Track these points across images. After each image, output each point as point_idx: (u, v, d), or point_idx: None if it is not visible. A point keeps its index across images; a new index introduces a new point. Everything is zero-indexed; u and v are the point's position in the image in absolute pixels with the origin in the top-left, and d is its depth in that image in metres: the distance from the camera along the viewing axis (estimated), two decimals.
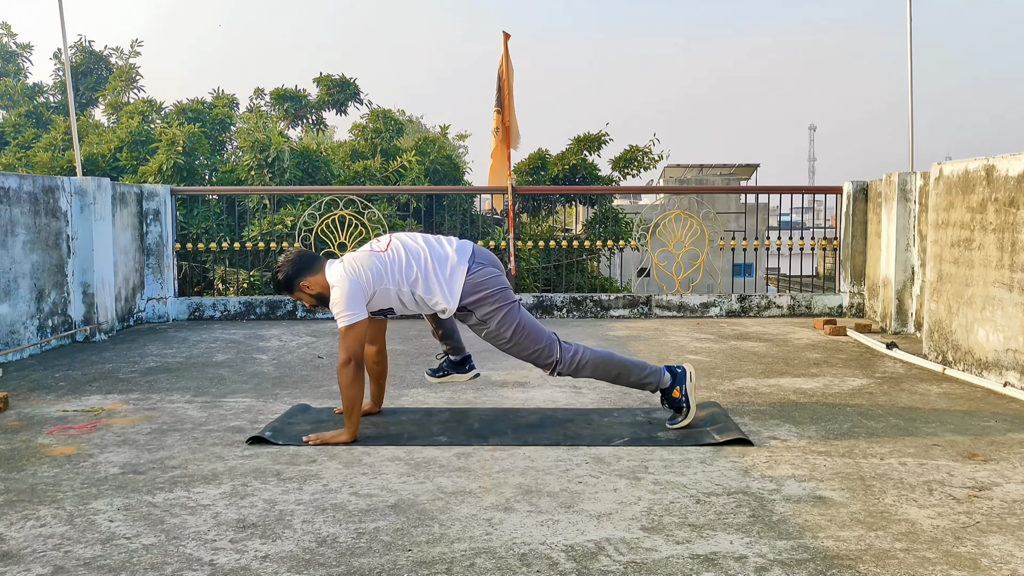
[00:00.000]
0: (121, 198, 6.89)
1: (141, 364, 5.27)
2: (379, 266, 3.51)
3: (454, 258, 3.53)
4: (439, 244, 3.60)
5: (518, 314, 3.55)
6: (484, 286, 3.51)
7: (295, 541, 2.44)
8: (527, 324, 3.55)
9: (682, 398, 3.61)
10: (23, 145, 11.48)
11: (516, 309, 3.55)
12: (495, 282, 3.53)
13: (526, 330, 3.54)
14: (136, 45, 13.39)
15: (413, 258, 3.52)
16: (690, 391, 3.61)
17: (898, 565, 2.26)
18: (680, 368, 3.66)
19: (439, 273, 3.50)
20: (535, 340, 3.55)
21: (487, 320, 3.52)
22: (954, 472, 3.05)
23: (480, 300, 3.50)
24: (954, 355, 4.90)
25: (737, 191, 18.30)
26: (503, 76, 7.88)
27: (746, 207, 10.86)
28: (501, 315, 3.51)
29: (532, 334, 3.55)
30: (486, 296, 3.50)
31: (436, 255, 3.54)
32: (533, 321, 3.60)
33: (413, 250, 3.55)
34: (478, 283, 3.50)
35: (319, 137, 12.52)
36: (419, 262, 3.52)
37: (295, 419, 3.81)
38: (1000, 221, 4.48)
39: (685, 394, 3.61)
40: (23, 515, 2.66)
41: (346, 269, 3.49)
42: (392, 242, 3.61)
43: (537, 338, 3.56)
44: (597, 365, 3.61)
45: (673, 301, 7.55)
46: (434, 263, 3.52)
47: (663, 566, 2.26)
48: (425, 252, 3.54)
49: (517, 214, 8.73)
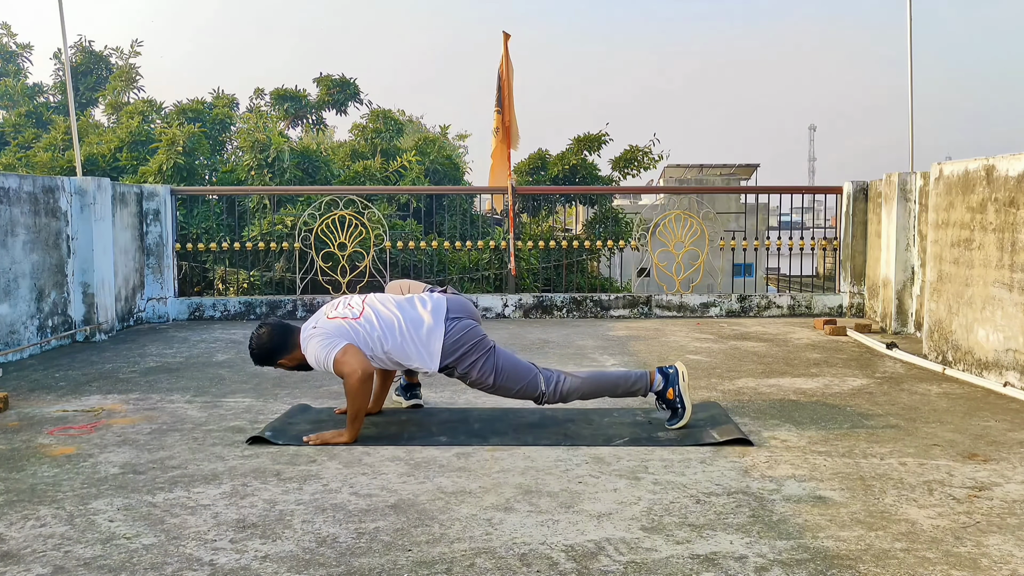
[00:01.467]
0: (121, 198, 6.89)
1: (141, 364, 5.27)
2: (352, 335, 3.50)
3: (429, 320, 3.55)
4: (412, 307, 3.60)
5: (495, 359, 3.60)
6: (462, 342, 3.56)
7: (295, 541, 2.44)
8: (506, 366, 3.61)
9: (676, 399, 3.62)
10: (23, 145, 11.48)
11: (493, 355, 3.61)
12: (471, 335, 3.59)
13: (506, 373, 3.60)
14: (136, 45, 13.41)
15: (386, 328, 3.52)
16: (684, 391, 3.62)
17: (898, 565, 2.26)
18: (672, 368, 3.67)
19: (415, 338, 3.53)
20: (517, 380, 3.62)
21: (468, 372, 3.60)
22: (954, 472, 3.05)
23: (459, 358, 3.57)
24: (954, 355, 4.90)
25: (737, 191, 18.30)
26: (503, 76, 7.88)
27: (746, 207, 10.87)
28: (480, 365, 3.58)
29: (513, 375, 3.61)
30: (465, 353, 3.57)
31: (411, 319, 3.55)
32: (512, 361, 3.65)
33: (386, 319, 3.54)
34: (456, 341, 3.55)
35: (319, 137, 12.53)
36: (393, 331, 3.52)
37: (295, 419, 3.81)
38: (1000, 221, 4.48)
39: (679, 394, 3.62)
40: (23, 515, 2.66)
41: (315, 332, 3.51)
42: (365, 310, 3.58)
43: (519, 377, 3.62)
44: (581, 388, 3.67)
45: (673, 301, 7.55)
46: (409, 328, 3.53)
47: (663, 566, 2.26)
48: (399, 318, 3.54)
49: (517, 214, 8.74)
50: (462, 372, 3.59)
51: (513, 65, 7.96)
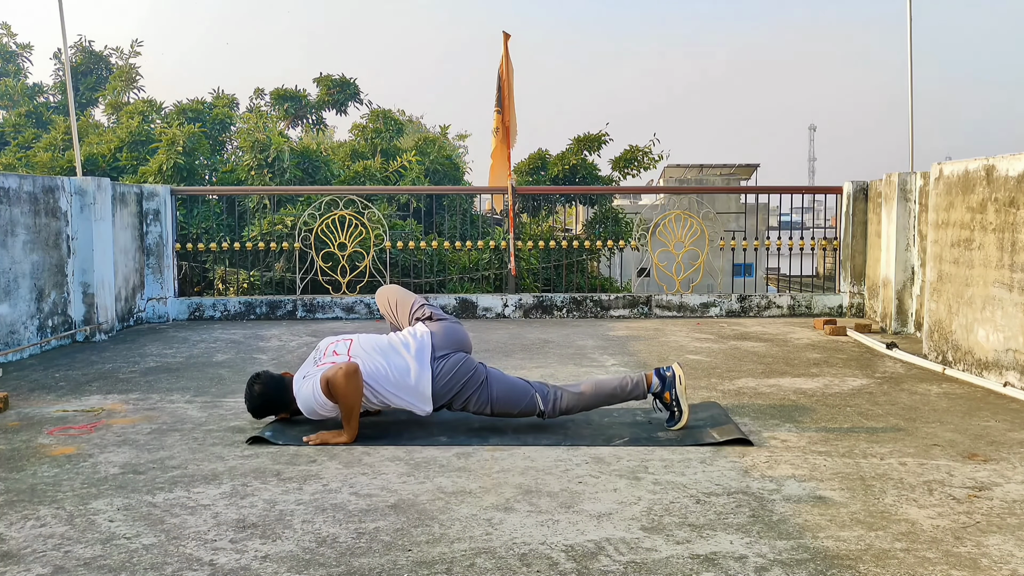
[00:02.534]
0: (121, 198, 6.89)
1: (141, 364, 5.27)
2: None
3: (415, 367, 3.56)
4: (396, 354, 3.59)
5: (489, 390, 3.63)
6: (452, 382, 3.59)
7: (295, 541, 2.44)
8: (501, 394, 3.64)
9: (673, 402, 3.63)
10: (23, 145, 11.48)
11: (487, 386, 3.63)
12: (462, 372, 3.60)
13: (501, 400, 3.64)
14: (136, 45, 13.41)
15: (376, 378, 3.53)
16: (680, 394, 3.62)
17: (898, 565, 2.27)
18: (668, 370, 3.68)
19: (405, 386, 3.56)
20: (514, 404, 3.65)
21: (465, 406, 3.65)
22: (954, 472, 3.05)
23: (453, 397, 3.62)
24: (954, 355, 4.90)
25: (737, 191, 18.30)
26: (503, 76, 7.88)
27: (746, 207, 10.87)
28: (476, 399, 3.63)
29: (509, 400, 3.64)
30: (458, 392, 3.61)
31: (397, 368, 3.56)
32: (507, 386, 3.66)
33: (373, 370, 3.53)
34: (446, 383, 3.58)
35: (319, 137, 12.53)
36: (382, 382, 3.54)
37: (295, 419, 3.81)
38: (1000, 221, 4.48)
39: (675, 398, 3.62)
40: (23, 515, 2.66)
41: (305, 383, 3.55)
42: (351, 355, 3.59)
43: (516, 401, 3.65)
44: (579, 401, 3.69)
45: (673, 301, 7.55)
46: (398, 377, 3.55)
47: (663, 566, 2.26)
48: (386, 368, 3.55)
49: (517, 214, 8.74)
50: (459, 407, 3.66)
51: (513, 65, 7.96)
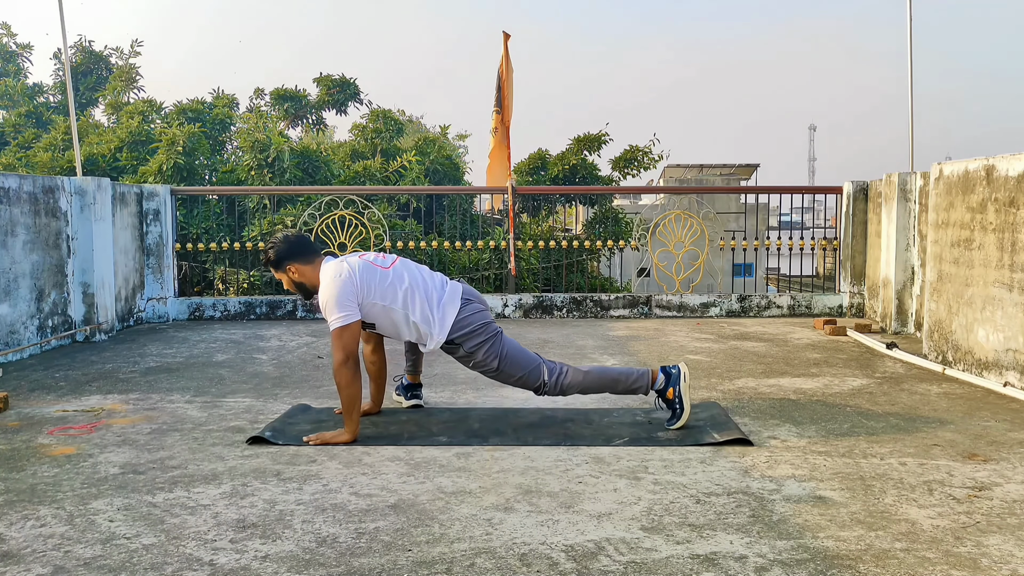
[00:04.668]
0: (121, 198, 6.89)
1: (141, 364, 5.27)
2: (377, 281, 3.54)
3: (446, 296, 3.64)
4: (433, 280, 3.69)
5: (502, 344, 3.66)
6: (471, 321, 3.62)
7: (295, 541, 2.44)
8: (511, 352, 3.66)
9: (675, 399, 3.62)
10: (23, 145, 11.48)
11: (500, 339, 3.66)
12: (481, 317, 3.66)
13: (510, 358, 3.64)
14: (136, 45, 13.40)
15: (413, 286, 3.59)
16: (684, 392, 3.62)
17: (898, 565, 2.27)
18: (674, 368, 3.67)
19: (433, 306, 3.61)
20: (520, 367, 3.65)
21: (474, 352, 3.63)
22: (954, 472, 3.05)
23: (467, 334, 3.61)
24: (954, 355, 4.90)
25: (737, 191, 18.30)
26: (503, 76, 7.89)
27: (746, 207, 10.87)
28: (487, 347, 3.63)
29: (517, 362, 3.65)
30: (473, 330, 3.61)
31: (435, 287, 3.65)
32: (517, 349, 3.69)
33: (416, 278, 3.63)
34: (466, 318, 3.62)
35: (319, 137, 12.53)
36: (419, 291, 3.59)
37: (295, 419, 3.81)
38: (1000, 221, 4.48)
39: (679, 395, 3.61)
40: (23, 515, 2.66)
41: (341, 270, 3.51)
42: (396, 264, 3.66)
43: (523, 365, 3.66)
44: (583, 381, 3.69)
45: (673, 301, 7.55)
46: (431, 295, 3.62)
47: (663, 566, 2.26)
48: (424, 283, 3.63)
49: (517, 214, 8.73)
50: (468, 350, 3.62)
51: (513, 65, 7.96)
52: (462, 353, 3.65)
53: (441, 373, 4.90)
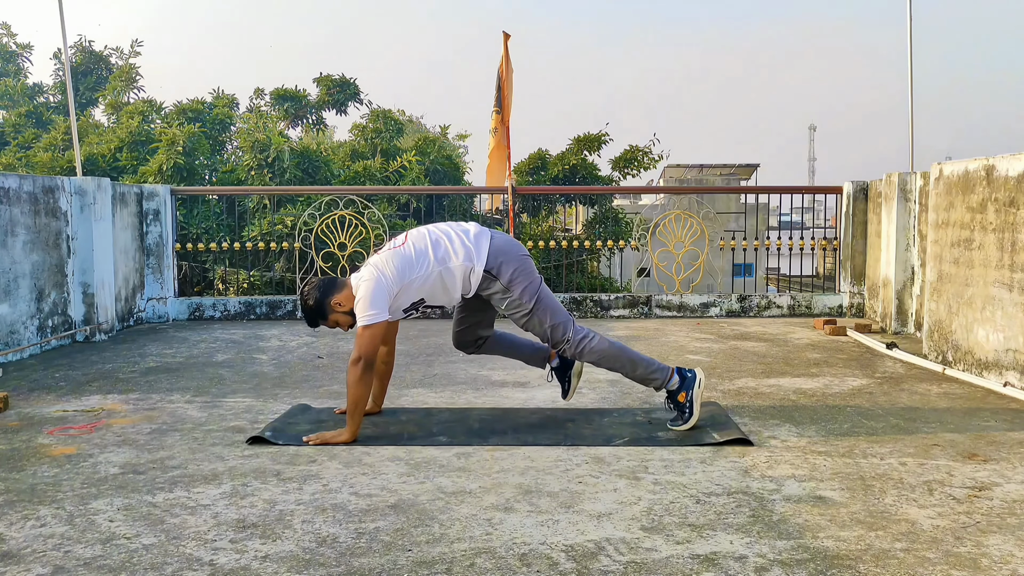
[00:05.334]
0: (121, 198, 6.89)
1: (141, 364, 5.27)
2: (403, 260, 3.54)
3: (476, 229, 3.66)
4: (457, 223, 3.73)
5: (541, 286, 3.62)
6: (505, 251, 3.59)
7: (295, 541, 2.44)
8: (547, 298, 3.61)
9: (687, 404, 3.59)
10: (23, 145, 11.48)
11: (540, 281, 3.63)
12: (518, 250, 3.64)
13: (544, 303, 3.59)
14: (136, 45, 13.41)
15: (435, 237, 3.61)
16: (696, 398, 3.58)
17: (898, 565, 2.26)
18: (691, 372, 3.64)
19: (465, 240, 3.60)
20: (553, 315, 3.60)
21: (511, 286, 3.55)
22: (954, 472, 3.05)
23: (506, 263, 3.56)
24: (954, 355, 4.90)
25: (737, 191, 18.30)
26: (503, 76, 7.88)
27: (746, 207, 10.86)
28: (526, 283, 3.57)
29: (551, 308, 3.60)
30: (507, 262, 3.57)
31: (460, 228, 3.66)
32: (553, 298, 3.65)
33: (434, 233, 3.64)
34: (500, 248, 3.60)
35: (319, 137, 12.52)
36: (444, 237, 3.61)
37: (295, 419, 3.81)
38: (1000, 221, 4.48)
39: (691, 400, 3.58)
40: (23, 515, 2.66)
41: (370, 274, 3.52)
42: (408, 235, 3.67)
43: (555, 313, 3.61)
44: (605, 352, 3.62)
45: (673, 301, 7.55)
46: (459, 234, 3.62)
47: (663, 566, 2.26)
48: (448, 229, 3.65)
49: (517, 214, 8.73)
50: (505, 284, 3.54)
51: (513, 65, 7.96)
52: (498, 288, 3.55)
53: (441, 373, 4.90)
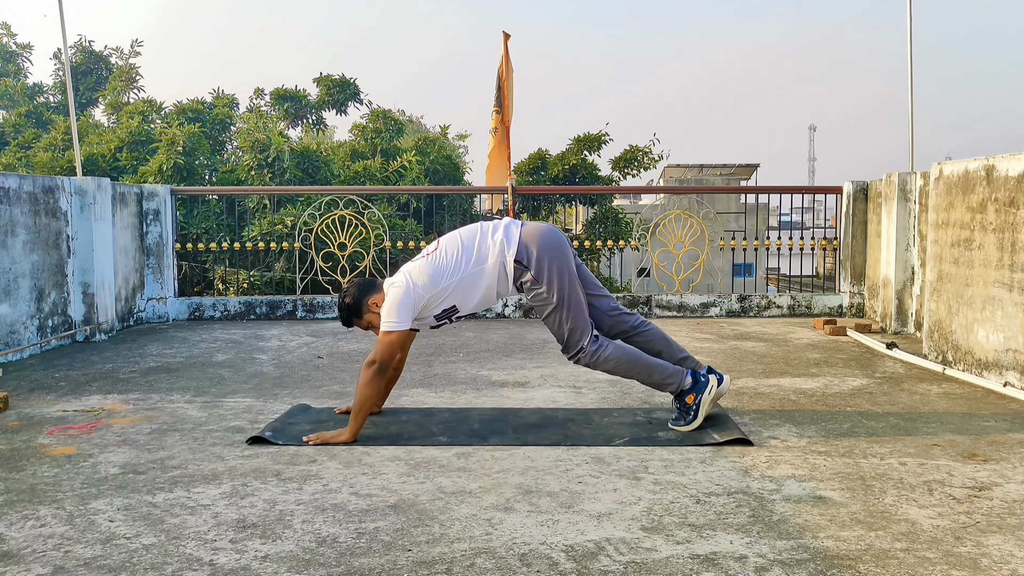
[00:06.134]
0: (121, 198, 6.89)
1: (141, 364, 5.27)
2: (435, 267, 3.55)
3: (507, 221, 3.65)
4: (491, 221, 3.71)
5: (572, 286, 3.56)
6: (540, 241, 3.55)
7: (295, 541, 2.44)
8: (574, 298, 3.56)
9: (693, 406, 3.58)
10: (23, 145, 11.49)
11: (572, 279, 3.56)
12: (552, 240, 3.57)
13: (570, 303, 3.54)
14: (136, 45, 13.41)
15: (468, 240, 3.60)
16: (704, 403, 3.57)
17: (898, 565, 2.26)
18: (704, 377, 3.62)
19: (497, 236, 3.58)
20: (575, 317, 3.56)
21: (539, 277, 3.52)
22: (954, 472, 3.05)
23: (537, 253, 3.52)
24: (954, 355, 4.90)
25: (737, 191, 18.31)
26: (503, 76, 7.89)
27: (746, 207, 10.86)
28: (555, 276, 3.52)
29: (576, 310, 3.56)
30: (543, 250, 3.53)
31: (492, 226, 3.65)
32: (580, 301, 3.59)
33: (466, 235, 3.63)
34: (534, 236, 3.56)
35: (319, 137, 12.53)
36: (477, 238, 3.60)
37: (295, 419, 3.81)
38: (1000, 221, 4.48)
39: (698, 404, 3.57)
40: (23, 515, 2.66)
41: (404, 278, 3.54)
42: (440, 241, 3.66)
43: (578, 316, 3.56)
44: (620, 361, 3.61)
45: (673, 301, 7.55)
46: (491, 232, 3.61)
47: (663, 566, 2.26)
48: (479, 228, 3.64)
49: (517, 214, 8.73)
50: (535, 275, 3.50)
51: (513, 65, 7.96)
52: (528, 279, 3.52)
53: (441, 373, 4.90)
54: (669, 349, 3.75)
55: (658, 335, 3.78)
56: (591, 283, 3.75)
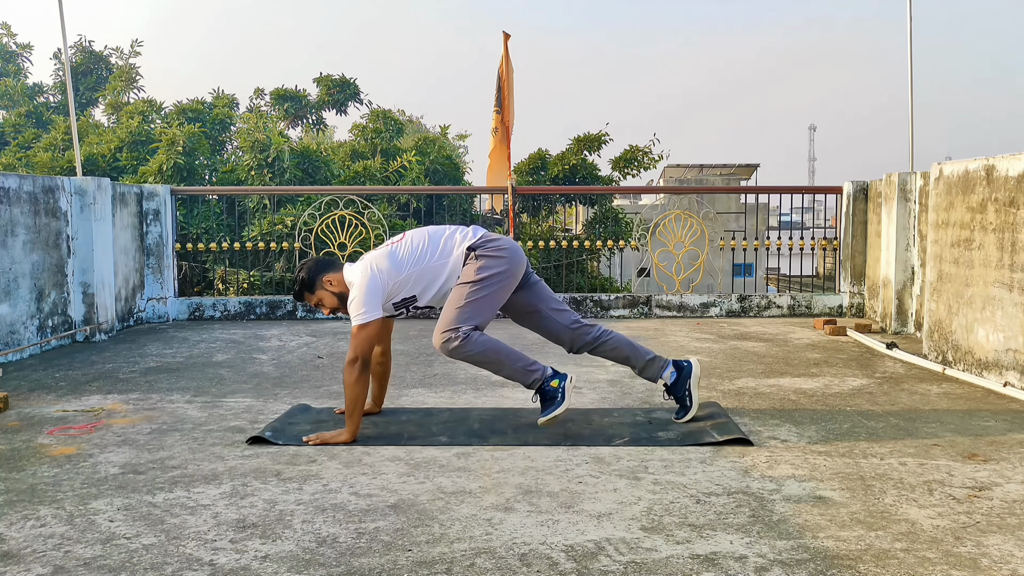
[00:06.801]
0: (121, 198, 6.89)
1: (141, 364, 5.27)
2: (398, 254, 3.57)
3: (477, 227, 3.70)
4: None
5: (500, 289, 3.55)
6: (500, 241, 3.60)
7: (295, 541, 2.44)
8: (493, 297, 3.53)
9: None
10: (23, 145, 11.48)
11: (505, 287, 3.56)
12: (513, 246, 3.62)
13: (488, 295, 3.51)
14: (136, 45, 13.40)
15: (435, 233, 3.65)
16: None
17: (898, 565, 2.26)
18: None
19: (464, 232, 3.64)
20: (478, 307, 3.49)
21: (481, 266, 3.53)
22: (954, 472, 3.05)
23: (493, 248, 3.56)
24: (954, 355, 4.90)
25: (737, 191, 18.31)
26: (503, 76, 7.88)
27: (746, 207, 10.86)
28: (496, 270, 3.53)
29: (485, 304, 3.51)
30: (499, 248, 3.57)
31: (461, 227, 3.70)
32: (494, 306, 3.55)
33: (434, 229, 3.69)
34: (495, 237, 3.62)
35: (319, 137, 12.52)
36: (443, 232, 3.65)
37: (295, 419, 3.81)
38: (1000, 221, 4.48)
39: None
40: (23, 515, 2.66)
41: (366, 267, 3.54)
42: (407, 233, 3.69)
43: (482, 308, 3.50)
44: (487, 354, 3.51)
45: (673, 301, 7.55)
46: (459, 228, 3.67)
47: (663, 566, 2.26)
48: (448, 227, 3.70)
49: (517, 214, 8.73)
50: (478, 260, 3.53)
51: (513, 65, 7.96)
52: (470, 263, 3.54)
53: (441, 373, 4.90)
54: (636, 354, 3.76)
55: (622, 341, 3.78)
56: (549, 298, 3.78)
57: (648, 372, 3.75)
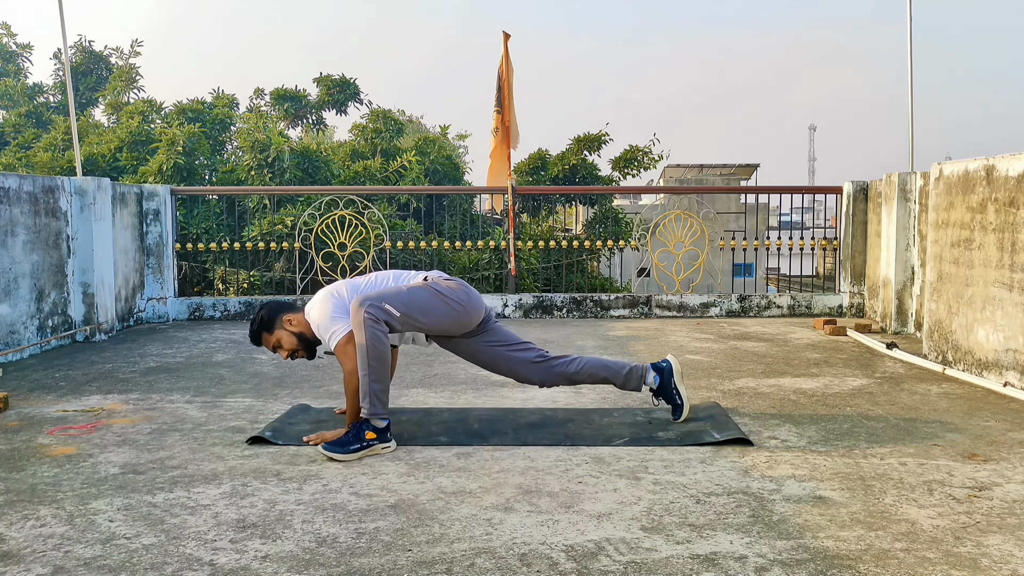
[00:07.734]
0: (121, 198, 6.89)
1: (141, 364, 5.27)
2: (359, 285, 3.57)
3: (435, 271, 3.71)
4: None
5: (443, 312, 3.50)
6: (458, 280, 3.63)
7: (295, 541, 2.44)
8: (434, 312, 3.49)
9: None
10: (23, 145, 11.48)
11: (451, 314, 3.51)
12: (468, 290, 3.60)
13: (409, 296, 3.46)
14: (136, 45, 13.40)
15: (400, 271, 3.68)
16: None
17: (898, 565, 2.26)
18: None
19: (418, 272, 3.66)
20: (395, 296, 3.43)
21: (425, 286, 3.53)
22: (954, 472, 3.05)
23: (445, 279, 3.59)
24: (954, 355, 4.90)
25: (737, 191, 18.31)
26: (503, 76, 7.88)
27: (746, 207, 10.87)
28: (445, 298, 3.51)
29: (402, 295, 3.45)
30: (452, 283, 3.58)
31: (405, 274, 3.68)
32: (418, 311, 3.46)
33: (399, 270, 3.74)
34: (454, 280, 3.62)
35: (319, 137, 12.53)
36: (407, 271, 3.67)
37: (295, 419, 3.81)
38: (1000, 221, 4.48)
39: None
40: (23, 515, 2.66)
41: (324, 294, 3.55)
42: (371, 272, 3.76)
43: (395, 298, 3.42)
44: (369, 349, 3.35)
45: (673, 301, 7.55)
46: (412, 271, 3.70)
47: (663, 566, 2.26)
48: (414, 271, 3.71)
49: (517, 214, 8.73)
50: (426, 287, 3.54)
51: (513, 65, 7.96)
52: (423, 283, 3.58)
53: (441, 373, 4.90)
54: (611, 371, 3.74)
55: (594, 364, 3.76)
56: (511, 339, 3.75)
57: (630, 384, 3.74)
